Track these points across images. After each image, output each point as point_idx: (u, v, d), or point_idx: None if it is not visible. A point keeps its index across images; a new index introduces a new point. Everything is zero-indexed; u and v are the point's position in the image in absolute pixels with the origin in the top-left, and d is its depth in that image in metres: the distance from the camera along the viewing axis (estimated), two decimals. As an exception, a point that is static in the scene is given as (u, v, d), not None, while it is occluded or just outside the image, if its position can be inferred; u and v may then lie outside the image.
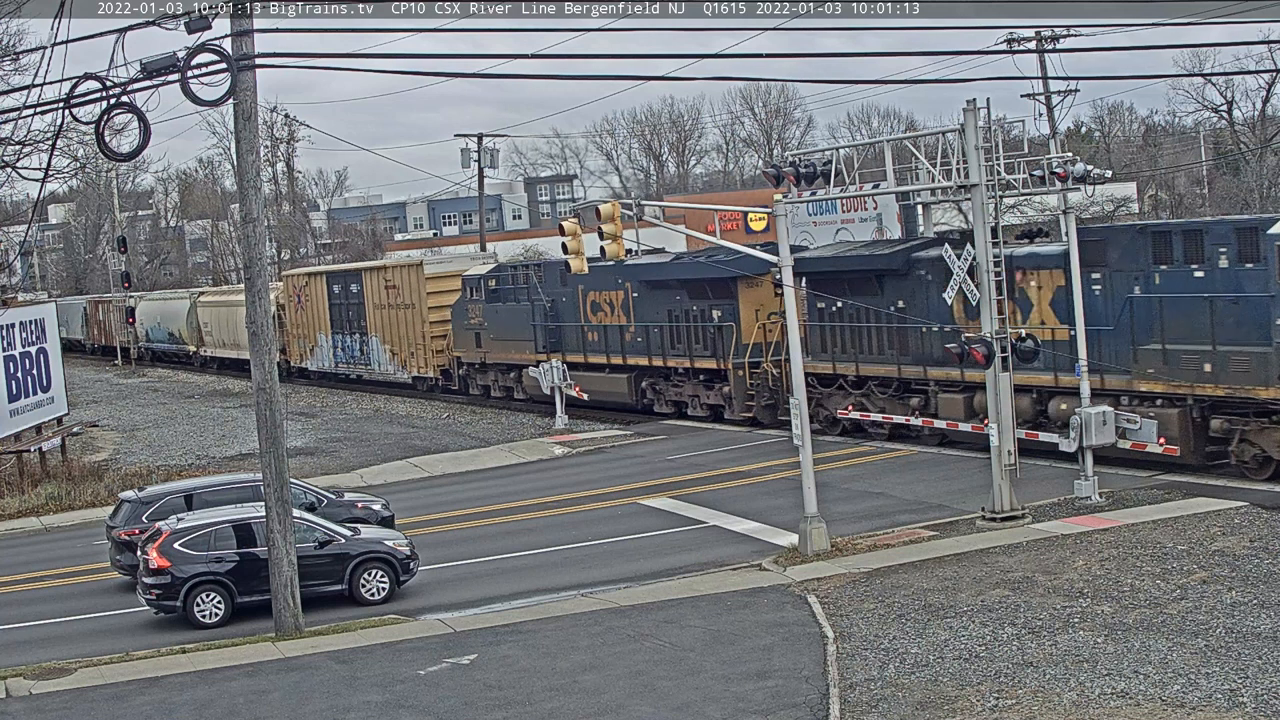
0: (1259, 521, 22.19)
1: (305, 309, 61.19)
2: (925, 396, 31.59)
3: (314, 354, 61.18)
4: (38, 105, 21.24)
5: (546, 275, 43.79)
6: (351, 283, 56.91)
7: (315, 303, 60.20)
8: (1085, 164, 26.05)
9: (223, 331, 70.23)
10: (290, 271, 67.95)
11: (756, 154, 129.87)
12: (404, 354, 52.79)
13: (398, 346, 53.06)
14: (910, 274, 31.41)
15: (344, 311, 57.65)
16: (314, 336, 60.70)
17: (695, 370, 38.33)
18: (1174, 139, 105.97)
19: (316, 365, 61.26)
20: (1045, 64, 59.26)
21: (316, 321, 60.20)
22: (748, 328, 36.11)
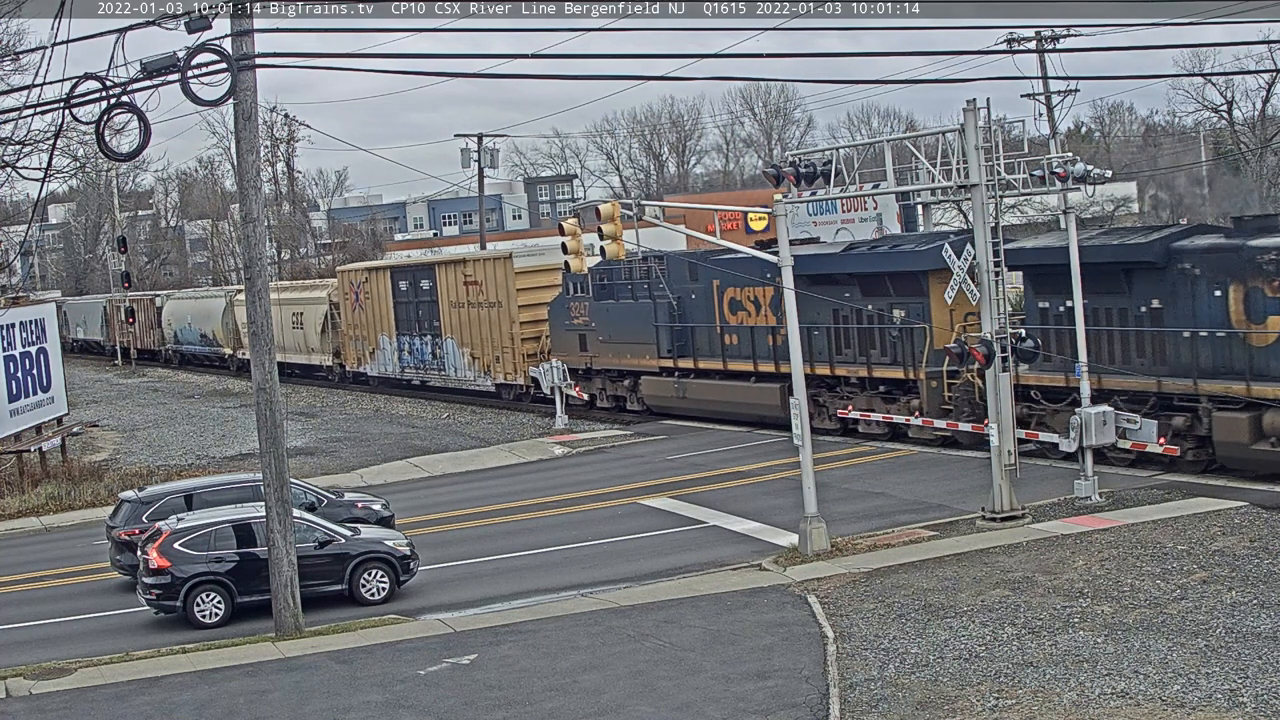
0: (1259, 521, 22.19)
1: (365, 308, 55.61)
2: (1192, 414, 26.30)
3: (374, 357, 55.79)
4: (38, 105, 21.26)
5: (672, 269, 38.60)
6: (422, 278, 51.66)
7: (377, 301, 54.76)
8: (1085, 164, 26.04)
9: None
10: (347, 267, 62.26)
11: (756, 154, 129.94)
12: (487, 358, 47.51)
13: (479, 350, 47.85)
14: (1170, 268, 26.65)
15: (412, 310, 52.38)
16: (374, 338, 55.42)
17: (873, 380, 32.97)
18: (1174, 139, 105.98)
19: (377, 370, 56.03)
20: (1045, 64, 59.21)
21: (378, 322, 54.92)
22: (941, 330, 30.91)
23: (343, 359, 58.81)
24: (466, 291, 47.91)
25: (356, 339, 57.11)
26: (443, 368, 50.28)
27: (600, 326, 41.47)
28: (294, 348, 62.42)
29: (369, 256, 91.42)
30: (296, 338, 62.50)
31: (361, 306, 55.85)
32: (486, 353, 47.33)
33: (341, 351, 58.81)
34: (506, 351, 46.17)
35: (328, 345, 59.74)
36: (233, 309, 68.77)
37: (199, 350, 75.33)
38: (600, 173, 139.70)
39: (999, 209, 25.01)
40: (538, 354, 44.70)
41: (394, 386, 56.11)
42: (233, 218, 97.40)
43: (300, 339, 62.24)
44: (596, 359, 42.11)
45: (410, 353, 52.40)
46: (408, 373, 53.52)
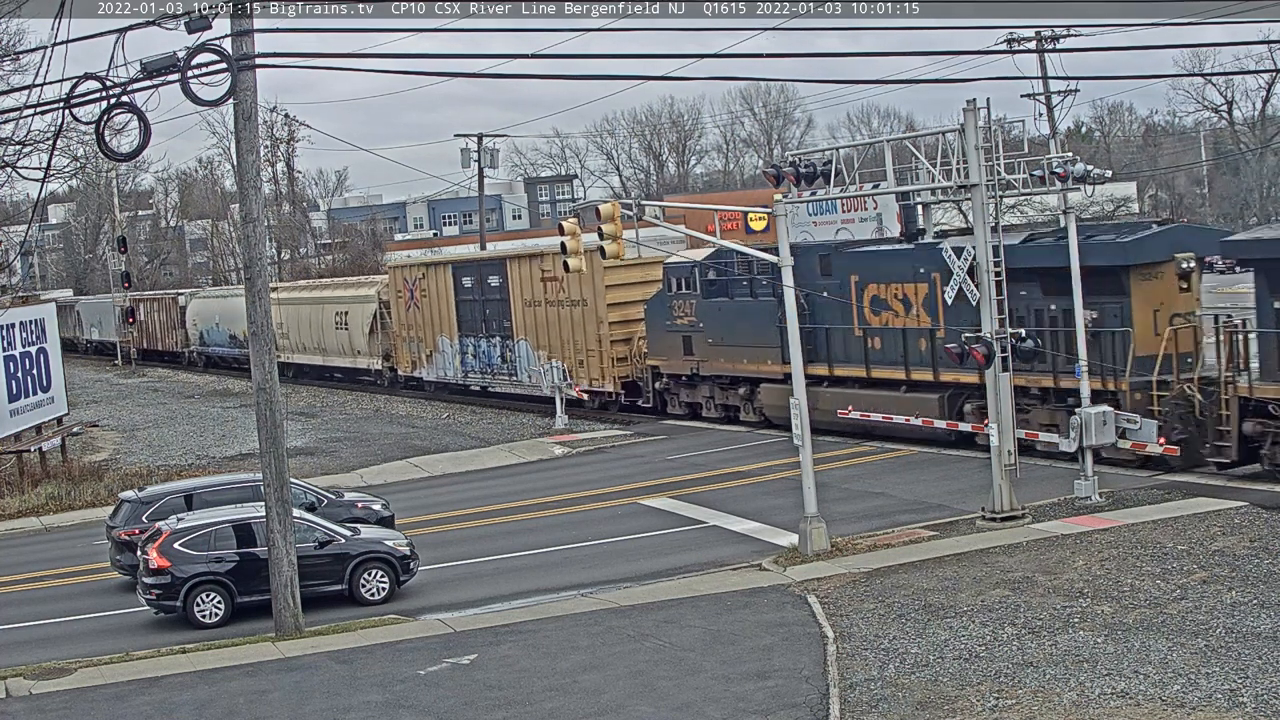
0: (1259, 521, 22.19)
1: (421, 307, 51.24)
2: None
3: (431, 361, 51.22)
4: (38, 105, 21.25)
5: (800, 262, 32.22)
6: (490, 274, 47.09)
7: (436, 299, 50.27)
8: (1085, 164, 26.03)
9: (304, 334, 61.65)
10: (400, 262, 57.87)
11: (756, 154, 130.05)
12: (569, 362, 43.10)
13: (559, 353, 43.33)
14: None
15: (478, 310, 48.02)
16: (432, 340, 50.97)
17: (1059, 391, 28.35)
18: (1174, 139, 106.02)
19: (435, 374, 51.39)
20: (1045, 64, 59.28)
21: (437, 322, 50.38)
22: (1144, 334, 27.17)
23: (394, 362, 54.59)
24: (544, 289, 43.49)
25: (411, 341, 52.62)
26: (514, 372, 46.06)
27: (710, 327, 37.29)
28: (337, 350, 58.86)
29: (369, 257, 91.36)
30: (340, 339, 58.42)
31: (417, 305, 51.57)
32: (568, 355, 43.05)
33: (393, 354, 54.56)
34: (592, 355, 41.91)
35: (376, 347, 55.59)
36: None
37: (228, 352, 70.96)
38: (600, 173, 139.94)
39: (999, 209, 24.97)
40: (629, 358, 41.23)
41: (454, 393, 51.75)
42: (233, 218, 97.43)
43: (345, 341, 58.07)
44: (704, 364, 37.96)
45: (475, 356, 48.04)
46: (471, 378, 49.12)
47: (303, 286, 66.40)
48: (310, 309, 60.56)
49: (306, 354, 61.88)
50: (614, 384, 41.47)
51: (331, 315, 58.65)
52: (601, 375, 41.61)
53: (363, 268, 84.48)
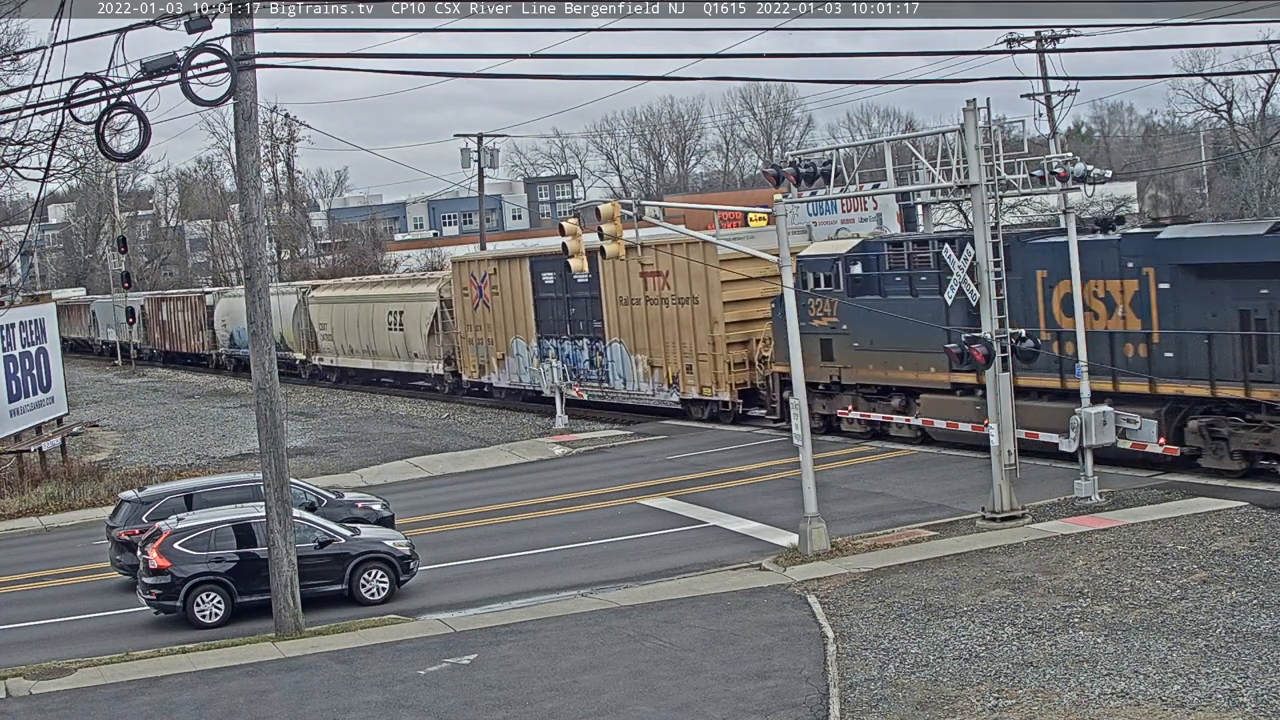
0: (1259, 521, 22.19)
1: (491, 305, 47.14)
2: None
3: (504, 365, 46.97)
4: (38, 105, 21.24)
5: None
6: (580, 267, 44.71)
7: (510, 297, 46.11)
8: (1085, 164, 26.03)
9: (351, 335, 57.14)
10: (468, 256, 52.81)
11: (756, 154, 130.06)
12: (674, 367, 38.88)
13: (661, 357, 39.20)
14: None
15: (561, 308, 43.91)
16: (504, 342, 46.80)
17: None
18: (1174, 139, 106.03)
19: (508, 380, 46.90)
20: (1045, 64, 59.28)
21: (511, 322, 46.21)
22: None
23: (457, 366, 50.32)
24: (645, 285, 39.20)
25: (478, 343, 48.28)
26: (605, 378, 41.88)
27: (856, 329, 32.73)
28: (389, 353, 54.64)
29: (369, 257, 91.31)
30: (394, 341, 54.19)
31: (486, 304, 47.33)
32: (672, 360, 38.94)
33: (456, 358, 50.22)
34: (703, 359, 37.66)
35: (436, 350, 51.15)
36: (306, 308, 61.43)
37: None
38: (600, 173, 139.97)
39: (999, 209, 24.97)
40: (748, 362, 36.80)
41: (528, 400, 47.22)
42: (233, 218, 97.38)
43: (399, 343, 53.85)
44: (848, 370, 33.13)
45: (557, 360, 43.65)
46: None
47: (350, 284, 62.26)
48: (359, 308, 56.33)
49: (353, 357, 57.58)
50: (730, 391, 37.05)
51: (384, 315, 54.41)
52: (715, 382, 37.36)
53: (362, 268, 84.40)
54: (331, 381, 60.37)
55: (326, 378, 61.11)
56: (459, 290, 49.22)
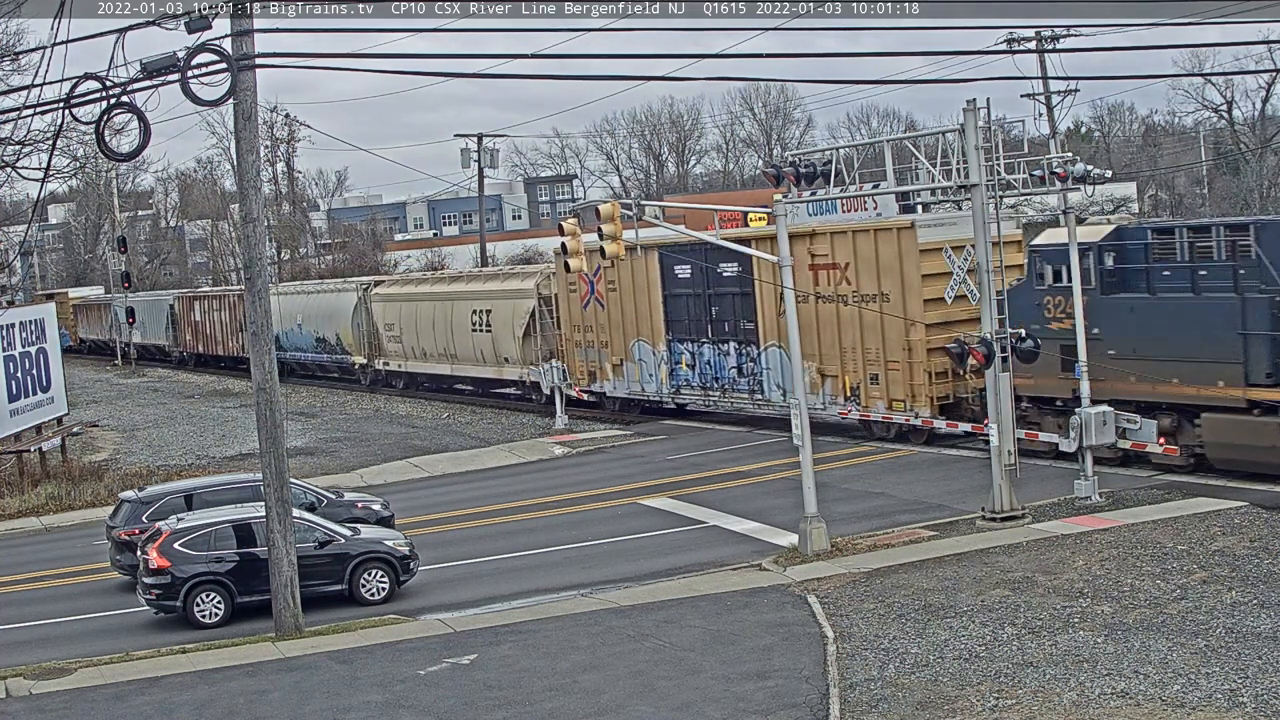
0: (1259, 521, 22.19)
1: (606, 303, 41.36)
2: None
3: (621, 373, 41.17)
4: (38, 105, 21.25)
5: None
6: (723, 259, 36.02)
7: (632, 293, 40.20)
8: (1085, 164, 26.04)
9: (424, 337, 51.48)
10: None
11: (756, 154, 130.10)
12: (852, 376, 32.94)
13: (835, 364, 33.18)
14: None
15: (701, 306, 37.66)
16: (622, 346, 40.92)
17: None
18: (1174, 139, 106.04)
19: (626, 389, 41.12)
20: (1045, 64, 59.35)
21: (633, 322, 40.30)
22: None
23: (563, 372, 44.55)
24: (814, 278, 33.45)
25: (588, 347, 42.45)
26: (759, 389, 35.93)
27: (1111, 333, 27.30)
28: (473, 357, 48.63)
29: (369, 257, 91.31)
30: (479, 344, 48.13)
31: (600, 301, 41.60)
32: (850, 369, 32.90)
33: (560, 361, 44.33)
34: (894, 367, 31.53)
35: (532, 354, 45.13)
36: (368, 306, 55.38)
37: (313, 358, 61.64)
38: (600, 173, 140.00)
39: (999, 209, 24.97)
40: (950, 372, 30.76)
41: (648, 412, 41.67)
42: (233, 218, 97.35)
43: (485, 346, 47.74)
44: (1098, 383, 26.86)
45: (693, 366, 38.01)
46: (687, 394, 38.88)
47: (421, 279, 56.87)
48: (435, 306, 50.48)
49: (426, 361, 51.89)
50: (929, 406, 30.80)
51: (466, 314, 48.43)
52: (910, 394, 31.29)
53: (362, 268, 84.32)
54: (398, 389, 55.07)
55: (391, 384, 55.73)
56: (564, 285, 43.06)
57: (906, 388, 31.50)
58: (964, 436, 31.16)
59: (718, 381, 37.31)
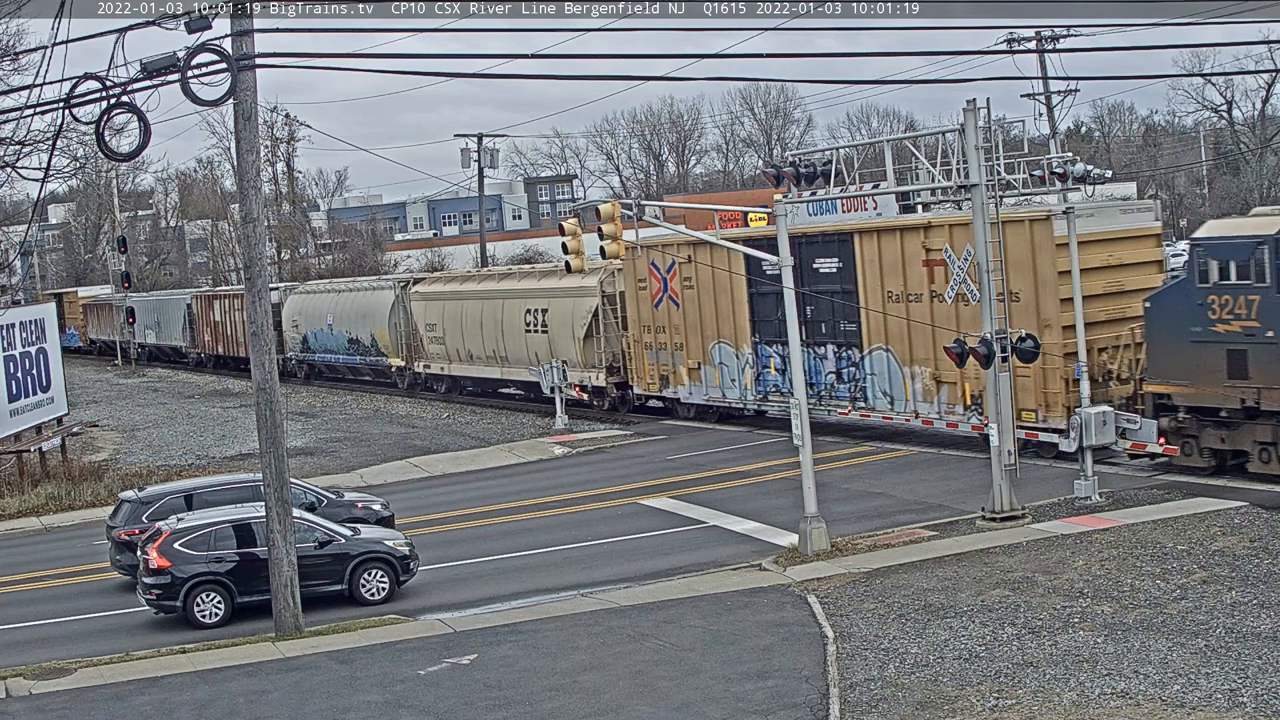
0: (1259, 521, 22.19)
1: (682, 301, 38.39)
2: None
3: (698, 377, 38.17)
4: (38, 105, 21.24)
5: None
6: (819, 255, 33.55)
7: (711, 291, 37.23)
8: (1085, 164, 26.04)
9: (470, 338, 48.49)
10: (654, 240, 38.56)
11: (756, 154, 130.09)
12: (974, 383, 29.31)
13: (955, 369, 28.98)
14: None
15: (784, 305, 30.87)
16: (699, 347, 38.04)
17: None
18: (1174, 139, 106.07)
19: (704, 395, 38.15)
20: (1045, 64, 59.40)
21: (711, 322, 37.39)
22: None
23: (627, 375, 41.73)
24: (928, 275, 30.49)
25: (659, 349, 39.58)
26: (861, 396, 33.15)
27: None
28: (525, 359, 45.44)
29: (369, 257, 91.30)
30: (533, 345, 45.02)
31: (674, 299, 38.66)
32: (969, 374, 29.18)
33: (625, 366, 41.63)
34: (1022, 373, 27.83)
35: (594, 356, 42.50)
36: (405, 305, 52.48)
37: (345, 360, 58.19)
38: (600, 173, 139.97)
39: (999, 209, 24.99)
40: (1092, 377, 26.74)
41: (727, 420, 38.73)
42: (233, 218, 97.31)
43: (541, 347, 44.62)
44: (1273, 393, 24.57)
45: (784, 371, 35.20)
46: (775, 400, 35.92)
47: (465, 276, 53.39)
48: (483, 305, 47.70)
49: (472, 364, 49.06)
50: (1065, 416, 27.43)
51: (519, 313, 45.69)
52: (1044, 403, 28.38)
53: (362, 268, 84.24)
54: (439, 393, 52.08)
55: (432, 387, 52.81)
56: (632, 282, 40.37)
57: (1039, 396, 28.31)
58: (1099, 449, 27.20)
59: (812, 388, 33.62)
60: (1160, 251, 29.83)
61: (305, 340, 61.13)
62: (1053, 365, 27.93)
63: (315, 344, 59.97)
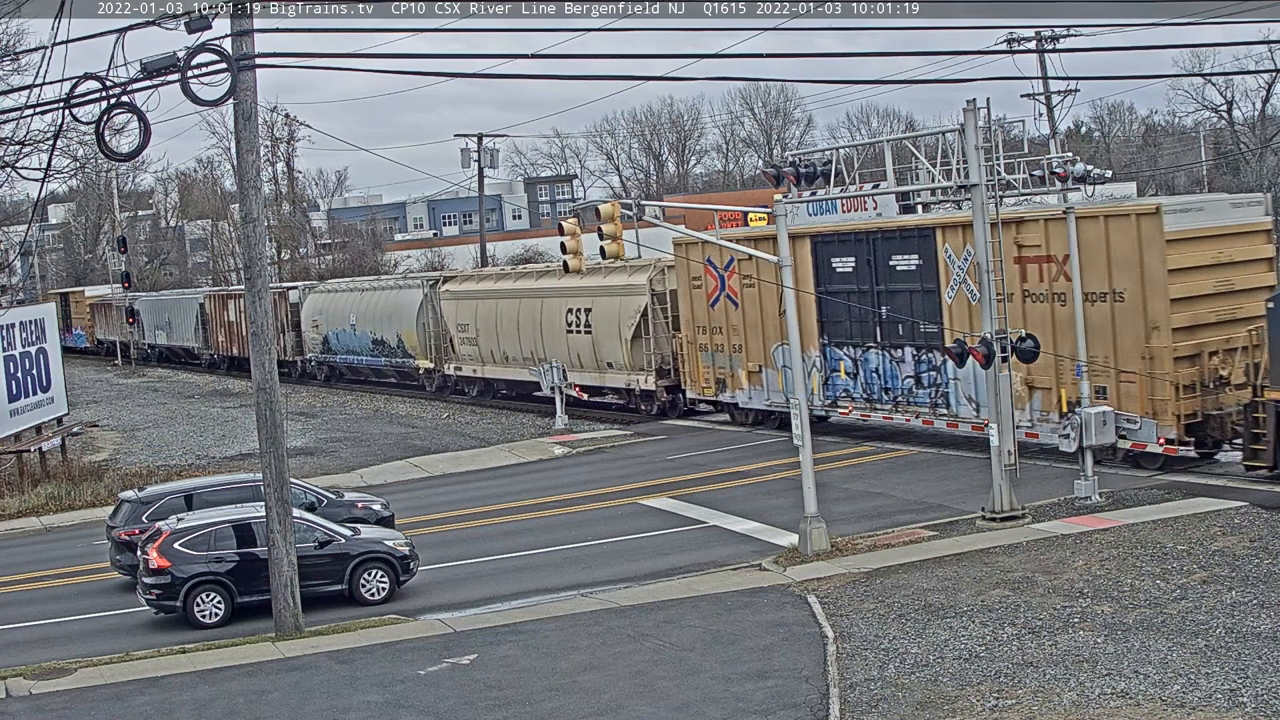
0: (1259, 521, 22.19)
1: (742, 300, 36.24)
2: None
3: (760, 379, 36.13)
4: (38, 105, 21.24)
5: None
6: (896, 252, 31.46)
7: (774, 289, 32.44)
8: (1085, 164, 26.03)
9: (506, 339, 46.56)
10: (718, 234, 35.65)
11: (756, 154, 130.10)
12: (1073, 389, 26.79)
13: (1050, 374, 28.06)
14: None
15: (865, 305, 32.54)
16: (760, 349, 35.95)
17: None
18: (1174, 139, 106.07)
19: (765, 400, 36.08)
20: (1045, 64, 59.40)
21: (773, 323, 34.40)
22: None
23: (681, 378, 39.55)
24: (1021, 273, 28.49)
25: (715, 350, 37.55)
26: (943, 403, 31.07)
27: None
28: (565, 361, 42.83)
29: (369, 257, 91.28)
30: (575, 347, 43.27)
31: (732, 298, 36.59)
32: (1063, 378, 27.73)
33: (680, 368, 39.57)
34: (1127, 379, 26.68)
35: (642, 358, 40.69)
36: (435, 304, 50.58)
37: (369, 362, 56.32)
38: (600, 173, 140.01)
39: (999, 209, 25.00)
40: (1199, 383, 26.15)
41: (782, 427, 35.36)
42: (233, 218, 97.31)
43: (584, 349, 42.94)
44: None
45: (855, 375, 33.23)
46: (846, 405, 33.90)
47: (499, 274, 50.86)
48: (519, 304, 45.80)
49: (508, 366, 47.00)
50: (1175, 425, 25.99)
51: (560, 313, 43.91)
52: (1150, 411, 26.35)
53: (362, 268, 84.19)
54: (470, 396, 50.07)
55: (463, 390, 50.81)
56: (685, 280, 38.51)
57: (1145, 403, 26.46)
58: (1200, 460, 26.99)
59: (888, 393, 32.12)
60: (1270, 248, 27.90)
61: (326, 341, 59.24)
62: (1162, 370, 26.15)
63: (337, 345, 58.11)
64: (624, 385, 41.81)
